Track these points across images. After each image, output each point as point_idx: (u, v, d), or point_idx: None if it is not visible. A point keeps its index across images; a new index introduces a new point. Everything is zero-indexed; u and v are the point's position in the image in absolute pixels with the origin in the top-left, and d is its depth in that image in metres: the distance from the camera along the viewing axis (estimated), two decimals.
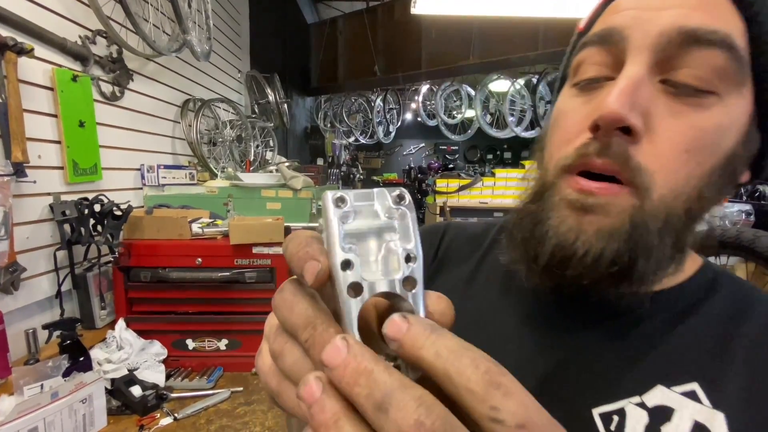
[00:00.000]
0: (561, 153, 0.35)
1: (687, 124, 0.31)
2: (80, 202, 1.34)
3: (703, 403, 0.31)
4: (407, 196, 0.19)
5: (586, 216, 0.32)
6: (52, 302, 1.36)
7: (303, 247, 0.19)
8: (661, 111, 0.31)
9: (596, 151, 0.32)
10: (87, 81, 1.48)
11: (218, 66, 2.71)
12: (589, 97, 0.35)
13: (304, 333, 0.18)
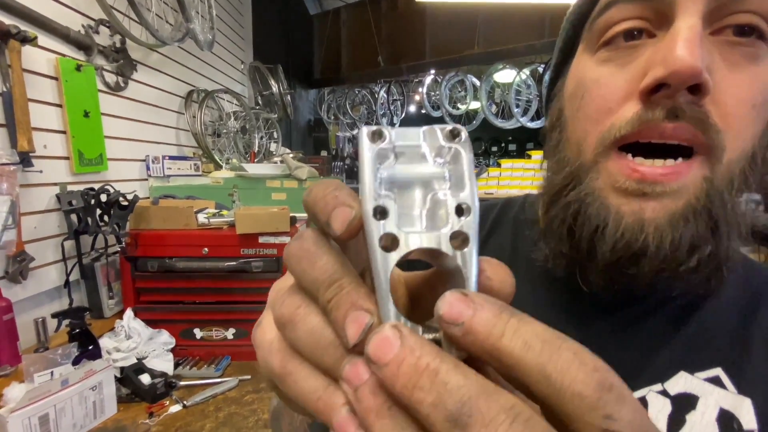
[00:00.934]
0: (604, 125, 0.30)
1: (749, 77, 0.28)
2: (87, 192, 1.34)
3: (728, 389, 0.29)
4: (464, 133, 0.15)
5: (648, 202, 0.28)
6: (61, 292, 1.36)
7: (331, 191, 0.16)
8: (720, 65, 0.28)
9: (665, 115, 0.27)
10: (91, 70, 1.48)
11: (221, 57, 2.69)
12: (625, 60, 0.30)
13: (328, 291, 0.15)
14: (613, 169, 0.29)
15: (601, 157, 0.30)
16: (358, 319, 0.14)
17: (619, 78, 0.30)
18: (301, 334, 0.16)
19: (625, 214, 0.29)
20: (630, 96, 0.29)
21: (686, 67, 0.25)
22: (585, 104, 0.32)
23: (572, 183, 0.32)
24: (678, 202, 0.28)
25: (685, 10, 0.27)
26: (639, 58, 0.29)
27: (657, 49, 0.28)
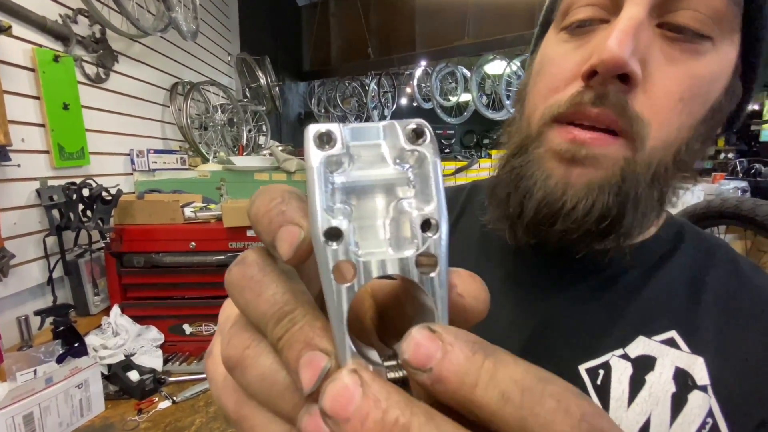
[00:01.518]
0: (549, 102, 0.32)
1: (683, 72, 0.30)
2: (68, 186, 1.31)
3: (683, 349, 0.32)
4: (428, 131, 0.13)
5: (575, 168, 0.31)
6: (44, 289, 1.33)
7: (276, 204, 0.13)
8: (657, 57, 0.29)
9: (591, 100, 0.29)
10: (69, 61, 1.43)
11: (207, 48, 2.64)
12: (579, 42, 0.32)
13: (278, 327, 0.13)
14: (552, 136, 0.32)
15: (544, 128, 0.32)
16: (312, 362, 0.12)
17: (570, 59, 0.32)
18: (252, 379, 0.14)
19: (554, 177, 0.31)
20: (576, 77, 0.31)
21: (612, 57, 0.27)
22: (539, 81, 0.34)
23: (519, 152, 0.34)
24: (598, 172, 0.30)
25: (631, 1, 0.29)
26: (590, 42, 0.31)
27: (601, 37, 0.30)
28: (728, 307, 0.33)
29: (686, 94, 0.30)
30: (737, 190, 2.59)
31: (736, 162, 3.03)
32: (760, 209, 1.14)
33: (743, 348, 0.31)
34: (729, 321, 0.32)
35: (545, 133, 0.32)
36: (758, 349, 0.31)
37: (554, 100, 0.32)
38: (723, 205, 1.24)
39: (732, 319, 0.32)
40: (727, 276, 0.35)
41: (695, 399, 0.30)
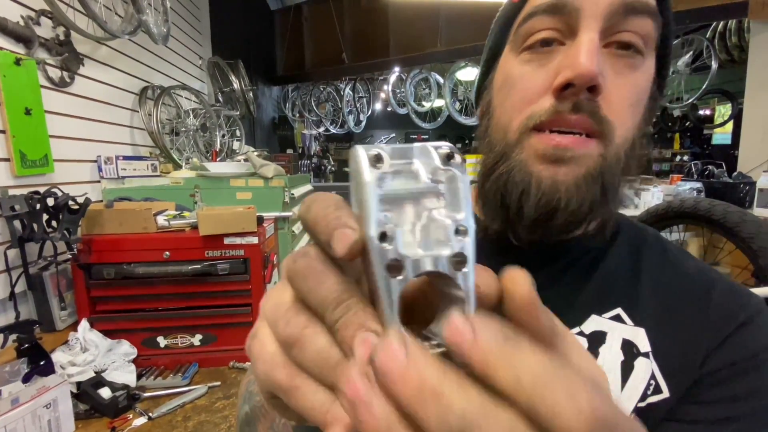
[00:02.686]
0: (525, 113, 0.37)
1: (629, 82, 0.36)
2: (31, 196, 1.24)
3: (627, 323, 0.37)
4: (458, 156, 0.16)
5: (561, 168, 0.35)
6: (6, 305, 1.26)
7: (333, 210, 0.16)
8: (610, 71, 0.35)
9: (570, 109, 0.34)
10: (32, 65, 1.37)
11: (178, 52, 2.57)
12: (542, 63, 0.37)
13: (336, 311, 0.15)
14: (534, 142, 0.36)
15: (523, 136, 0.37)
16: (366, 341, 0.14)
17: (538, 76, 0.36)
18: (309, 354, 0.16)
19: (544, 178, 0.35)
20: (546, 91, 0.36)
21: (587, 71, 0.32)
22: (511, 95, 0.38)
23: (501, 159, 0.38)
24: (581, 169, 0.35)
25: (586, 26, 0.34)
26: (553, 61, 0.36)
27: (566, 56, 0.34)
28: (661, 284, 0.39)
29: (633, 100, 0.36)
30: (693, 190, 2.76)
31: (691, 164, 3.22)
32: (716, 209, 1.23)
33: (675, 319, 0.37)
34: (663, 297, 0.38)
35: (525, 140, 0.36)
36: (687, 320, 0.37)
37: (530, 111, 0.36)
38: (682, 206, 1.33)
39: (665, 295, 0.38)
40: (659, 259, 0.41)
41: (640, 365, 0.36)
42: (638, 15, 0.34)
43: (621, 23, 0.34)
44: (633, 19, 0.34)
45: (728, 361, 0.35)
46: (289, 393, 0.17)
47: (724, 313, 0.37)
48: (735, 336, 0.36)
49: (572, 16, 0.35)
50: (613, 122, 0.35)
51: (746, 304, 0.38)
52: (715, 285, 0.39)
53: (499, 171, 0.38)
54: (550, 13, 0.36)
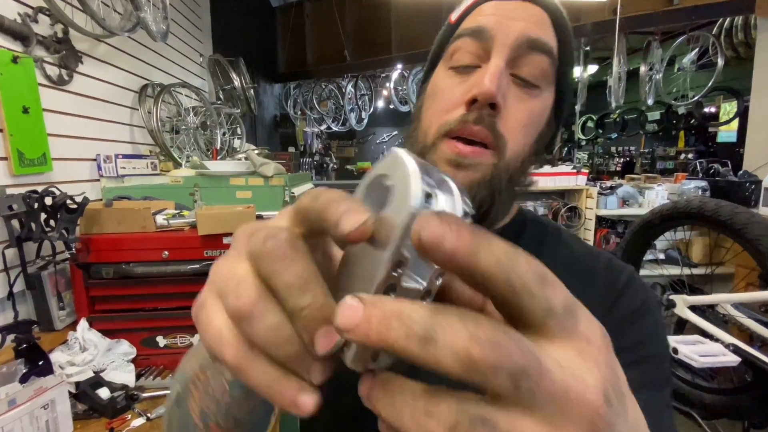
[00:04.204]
0: (441, 120, 0.43)
1: (525, 107, 0.43)
2: (29, 195, 1.23)
3: None
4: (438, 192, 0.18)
5: (460, 171, 0.42)
6: (5, 305, 1.25)
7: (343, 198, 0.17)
8: (510, 96, 0.42)
9: (473, 120, 0.41)
10: (29, 63, 1.35)
11: (178, 49, 2.56)
12: (462, 79, 0.44)
13: (302, 298, 0.16)
14: (443, 147, 0.43)
15: (438, 141, 0.44)
16: (329, 335, 0.16)
17: (457, 90, 0.44)
18: (259, 329, 0.17)
19: None
20: (460, 103, 0.42)
21: (488, 91, 0.39)
22: (434, 103, 0.46)
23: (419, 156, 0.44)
24: (476, 174, 0.42)
25: (497, 53, 0.42)
26: (469, 79, 0.43)
27: (478, 76, 0.42)
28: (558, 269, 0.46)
29: (527, 122, 0.43)
30: (698, 189, 2.73)
31: (696, 163, 3.18)
32: (722, 210, 1.21)
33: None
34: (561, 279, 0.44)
35: (438, 144, 0.43)
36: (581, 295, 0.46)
37: (445, 119, 0.43)
38: (688, 206, 1.31)
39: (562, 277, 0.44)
40: (556, 247, 0.49)
41: None
42: (538, 52, 0.42)
43: (525, 55, 0.42)
44: (534, 54, 0.42)
45: (616, 321, 0.42)
46: (237, 370, 0.18)
47: (607, 282, 0.46)
48: (618, 299, 0.44)
49: (488, 42, 0.42)
50: (506, 138, 0.42)
51: (622, 272, 0.47)
52: (598, 260, 0.48)
53: None
54: (472, 37, 0.43)
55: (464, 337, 0.13)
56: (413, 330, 0.13)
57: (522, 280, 0.14)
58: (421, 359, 0.13)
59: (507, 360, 0.13)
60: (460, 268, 0.14)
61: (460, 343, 0.13)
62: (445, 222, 0.14)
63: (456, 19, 0.48)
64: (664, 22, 3.33)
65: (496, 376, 0.13)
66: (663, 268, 2.25)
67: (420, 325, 0.13)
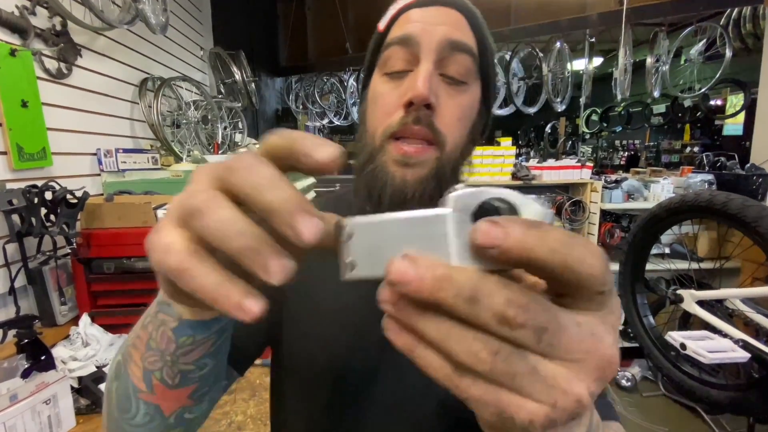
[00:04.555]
0: (384, 124, 0.47)
1: (456, 102, 0.47)
2: (28, 189, 1.22)
3: None
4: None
5: (408, 170, 0.46)
6: (6, 299, 1.25)
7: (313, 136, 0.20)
8: (442, 93, 0.46)
9: (413, 121, 0.45)
10: (28, 56, 1.34)
11: (178, 42, 2.53)
12: (396, 84, 0.48)
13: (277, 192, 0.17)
14: (390, 149, 0.47)
15: (384, 143, 0.47)
16: (314, 223, 0.18)
17: (393, 95, 0.47)
18: (209, 222, 0.18)
19: (397, 177, 0.46)
20: (398, 107, 0.46)
21: (421, 94, 0.43)
22: (376, 109, 0.49)
23: (369, 160, 0.48)
24: (423, 171, 0.46)
25: (425, 57, 0.46)
26: (403, 84, 0.47)
27: (410, 80, 0.46)
28: None
29: (460, 116, 0.48)
30: (704, 182, 2.69)
31: (702, 156, 3.14)
32: (732, 204, 1.18)
33: None
34: None
35: (385, 146, 0.47)
36: None
37: (388, 122, 0.47)
38: (697, 200, 1.29)
39: None
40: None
41: None
42: (460, 52, 0.46)
43: (449, 57, 0.46)
44: (456, 54, 0.46)
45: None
46: (180, 275, 0.19)
47: None
48: None
49: (415, 48, 0.46)
50: (445, 133, 0.46)
51: None
52: None
53: (367, 170, 0.48)
54: (401, 45, 0.47)
55: (502, 301, 0.16)
56: (462, 292, 0.16)
57: (585, 265, 0.16)
58: (463, 314, 0.16)
59: (532, 320, 0.16)
60: (517, 260, 0.16)
61: (498, 306, 0.16)
62: (496, 225, 0.16)
63: (384, 28, 0.51)
64: (672, 13, 3.27)
65: (524, 331, 0.16)
66: (670, 263, 2.22)
67: (467, 287, 0.16)
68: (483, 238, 0.16)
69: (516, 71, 4.00)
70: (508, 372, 0.16)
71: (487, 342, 0.16)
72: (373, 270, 0.19)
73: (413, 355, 0.18)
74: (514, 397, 0.17)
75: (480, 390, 0.17)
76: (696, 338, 1.24)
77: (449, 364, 0.17)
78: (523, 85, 4.05)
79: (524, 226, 0.16)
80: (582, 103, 3.99)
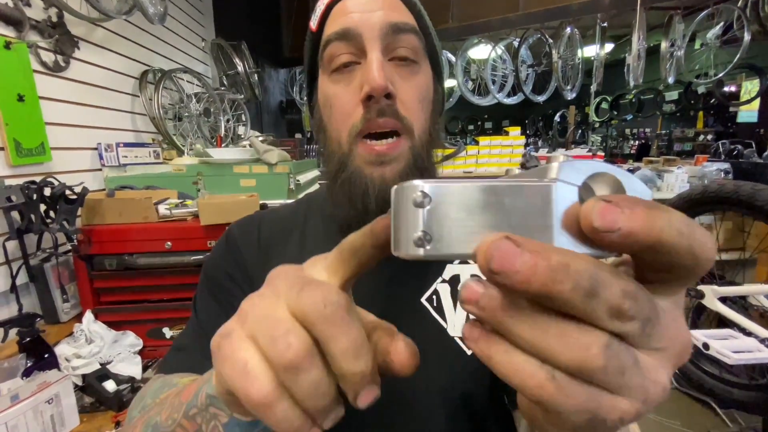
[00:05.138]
0: (347, 125, 0.45)
1: (413, 84, 0.46)
2: (27, 185, 1.20)
3: (471, 263, 0.48)
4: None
5: (385, 167, 0.44)
6: (8, 297, 1.24)
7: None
8: (397, 78, 0.45)
9: (377, 114, 0.43)
10: (23, 48, 1.31)
11: (179, 33, 2.49)
12: (347, 81, 0.45)
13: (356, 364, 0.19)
14: (361, 151, 0.45)
15: (352, 146, 0.45)
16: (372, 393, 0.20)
17: (347, 92, 0.45)
18: (304, 382, 0.18)
19: (376, 178, 0.44)
20: (357, 104, 0.44)
21: (379, 84, 0.41)
22: (333, 113, 0.47)
23: (340, 168, 0.46)
24: (401, 164, 0.45)
25: (371, 47, 0.44)
26: (356, 79, 0.45)
27: (363, 73, 0.44)
28: None
29: (420, 97, 0.46)
30: (720, 171, 2.61)
31: (718, 144, 3.05)
32: (761, 195, 1.12)
33: None
34: None
35: (354, 149, 0.45)
36: None
37: (350, 122, 0.45)
38: (721, 190, 1.22)
39: None
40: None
41: None
42: (404, 33, 0.45)
43: (395, 41, 0.45)
44: (402, 36, 0.45)
45: None
46: (263, 407, 0.19)
47: None
48: None
49: (358, 40, 0.44)
50: (410, 119, 0.45)
51: None
52: None
53: (342, 178, 0.46)
54: (342, 39, 0.45)
55: (618, 293, 0.15)
56: (580, 284, 0.14)
57: (704, 250, 0.15)
58: (578, 309, 0.15)
59: (642, 312, 0.15)
60: (641, 243, 0.15)
61: (615, 300, 0.15)
62: (613, 205, 0.15)
63: (316, 27, 0.49)
64: None
65: (632, 323, 0.15)
66: None
67: (586, 280, 0.14)
68: (602, 221, 0.15)
69: (525, 58, 3.90)
70: (619, 366, 0.15)
71: (596, 336, 0.15)
72: (461, 247, 0.16)
73: (493, 362, 0.17)
74: (612, 398, 0.16)
75: (581, 397, 0.15)
76: (719, 337, 1.19)
77: (544, 372, 0.16)
78: (532, 73, 3.95)
79: (647, 206, 0.15)
80: (592, 90, 3.88)
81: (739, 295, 1.39)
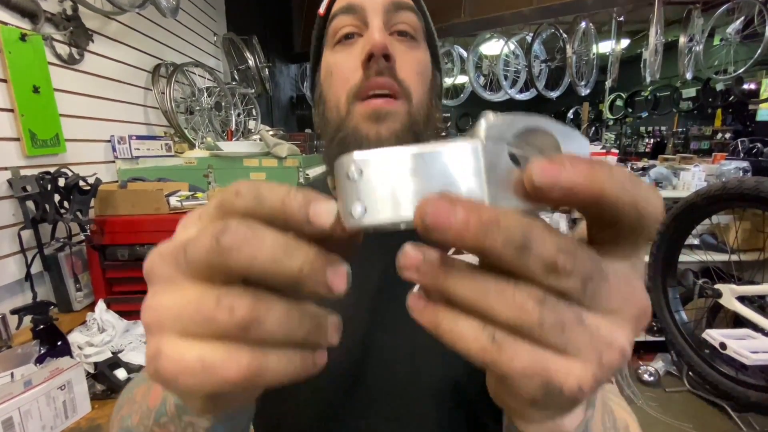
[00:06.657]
0: (346, 88, 0.46)
1: (413, 56, 0.48)
2: (42, 176, 1.22)
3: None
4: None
5: (381, 125, 0.44)
6: (23, 286, 1.26)
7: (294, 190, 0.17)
8: (397, 49, 0.46)
9: (376, 72, 0.44)
10: (38, 40, 1.32)
11: (191, 27, 2.50)
12: (350, 50, 0.47)
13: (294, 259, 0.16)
14: (359, 109, 0.45)
15: (351, 107, 0.46)
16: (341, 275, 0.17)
17: (349, 59, 0.47)
18: (272, 325, 0.16)
19: (371, 135, 0.44)
20: (357, 68, 0.45)
21: (379, 43, 0.43)
22: (333, 79, 0.48)
23: (337, 129, 0.47)
24: (396, 124, 0.45)
25: (373, 18, 0.46)
26: (357, 46, 0.47)
27: (365, 38, 0.46)
28: None
29: (419, 70, 0.48)
30: (738, 170, 2.54)
31: (737, 142, 2.97)
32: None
33: None
34: None
35: (353, 109, 0.45)
36: None
37: (350, 84, 0.46)
38: (741, 187, 1.18)
39: None
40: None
41: None
42: (404, 10, 0.48)
43: (396, 16, 0.47)
44: (402, 12, 0.47)
45: None
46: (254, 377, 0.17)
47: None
48: None
49: (361, 13, 0.47)
50: (408, 84, 0.46)
51: None
52: None
53: (338, 138, 0.46)
54: (346, 12, 0.48)
55: (553, 248, 0.15)
56: (512, 238, 0.14)
57: (649, 204, 0.15)
58: (511, 263, 0.15)
59: (580, 268, 0.15)
60: (585, 197, 0.15)
61: (549, 254, 0.15)
62: (556, 162, 0.14)
63: (324, 11, 0.52)
64: None
65: (571, 281, 0.15)
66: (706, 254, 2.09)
67: (517, 234, 0.14)
68: (541, 177, 0.14)
69: (538, 53, 3.84)
70: (557, 322, 0.15)
71: (532, 292, 0.15)
72: (394, 213, 0.16)
73: (440, 330, 0.17)
74: (561, 360, 0.15)
75: (524, 357, 0.15)
76: (737, 337, 1.16)
77: (486, 334, 0.16)
78: (545, 68, 3.89)
79: (587, 162, 0.14)
80: (607, 86, 3.81)
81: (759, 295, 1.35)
